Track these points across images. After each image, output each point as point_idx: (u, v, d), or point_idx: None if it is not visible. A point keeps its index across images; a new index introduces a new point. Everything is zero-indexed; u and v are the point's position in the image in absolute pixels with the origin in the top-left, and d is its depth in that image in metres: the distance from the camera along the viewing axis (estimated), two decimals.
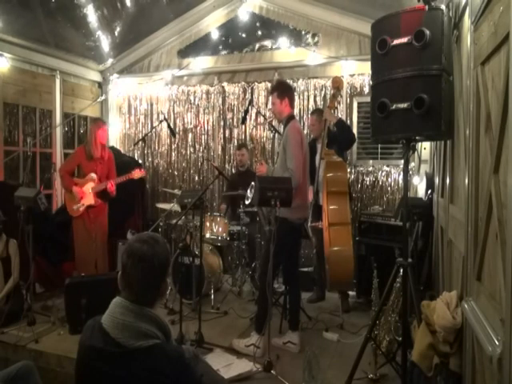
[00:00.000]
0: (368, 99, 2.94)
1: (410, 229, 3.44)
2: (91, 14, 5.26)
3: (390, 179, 5.22)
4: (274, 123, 4.95)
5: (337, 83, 4.25)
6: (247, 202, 4.60)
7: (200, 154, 6.27)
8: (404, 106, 2.44)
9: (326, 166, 4.05)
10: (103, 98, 6.56)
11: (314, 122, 4.54)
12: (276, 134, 5.41)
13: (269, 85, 5.74)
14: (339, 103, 5.21)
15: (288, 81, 5.14)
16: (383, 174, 5.25)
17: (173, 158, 6.43)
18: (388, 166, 5.24)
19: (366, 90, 5.22)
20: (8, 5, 4.53)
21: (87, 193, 4.41)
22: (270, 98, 3.65)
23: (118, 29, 5.75)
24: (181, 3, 5.77)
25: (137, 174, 4.47)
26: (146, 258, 1.49)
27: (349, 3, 5.10)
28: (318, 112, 4.61)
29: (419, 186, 4.65)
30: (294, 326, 3.52)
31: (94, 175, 4.43)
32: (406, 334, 2.64)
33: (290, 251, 3.49)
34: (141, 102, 6.58)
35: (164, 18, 5.91)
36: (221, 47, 5.99)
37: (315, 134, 4.54)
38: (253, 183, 3.87)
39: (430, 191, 4.06)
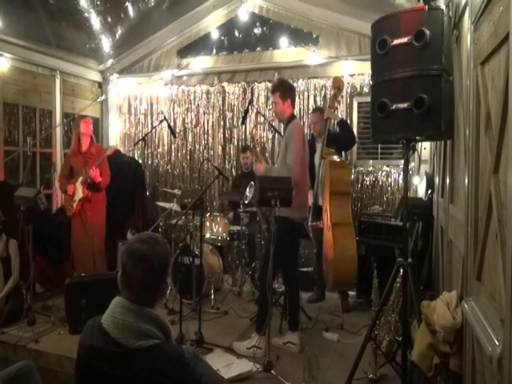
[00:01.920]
0: (368, 99, 2.93)
1: (410, 229, 3.44)
2: (92, 16, 5.27)
3: (390, 179, 5.22)
4: (275, 123, 4.96)
5: (337, 83, 4.24)
6: (246, 202, 4.60)
7: (200, 154, 6.27)
8: (404, 105, 2.44)
9: (329, 165, 4.05)
10: (103, 97, 6.56)
11: (317, 119, 4.50)
12: (276, 134, 5.42)
13: (269, 85, 5.73)
14: (339, 103, 5.21)
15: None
16: (383, 173, 5.25)
17: (173, 158, 6.43)
18: (388, 165, 5.23)
19: (366, 89, 5.22)
20: (9, 6, 4.54)
21: (76, 187, 4.44)
22: (272, 97, 3.59)
23: (119, 29, 5.75)
24: (181, 3, 5.76)
25: (109, 151, 4.63)
26: (146, 257, 1.49)
27: (348, 3, 5.10)
28: (319, 110, 4.61)
29: (419, 186, 4.65)
30: (293, 327, 3.52)
31: (82, 169, 4.45)
32: (405, 334, 2.64)
33: (289, 251, 3.49)
34: (141, 101, 6.58)
35: (164, 18, 5.91)
36: (221, 47, 5.98)
37: (318, 131, 4.51)
38: (252, 183, 3.87)
39: (430, 191, 4.06)
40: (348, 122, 5.22)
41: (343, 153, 4.50)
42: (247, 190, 4.56)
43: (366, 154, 5.42)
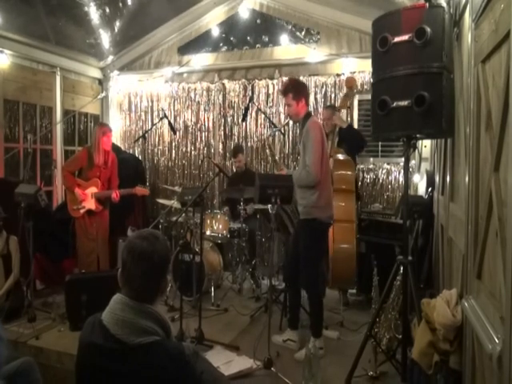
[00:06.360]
0: (369, 97, 2.93)
1: (411, 227, 3.44)
2: (92, 12, 5.27)
3: (390, 177, 5.22)
4: (275, 120, 4.95)
5: (350, 83, 4.24)
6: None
7: (200, 151, 6.26)
8: (405, 103, 2.44)
9: (333, 163, 4.06)
10: (103, 94, 6.56)
11: (329, 116, 4.45)
12: (277, 132, 5.41)
13: (269, 82, 5.74)
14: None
15: None
16: (384, 171, 5.25)
17: (173, 155, 6.42)
18: (388, 163, 5.24)
19: (367, 87, 5.20)
20: (9, 3, 4.53)
21: (89, 197, 4.39)
22: (284, 99, 3.45)
23: (119, 26, 5.75)
24: (181, 0, 5.75)
25: (139, 191, 4.48)
26: (146, 254, 1.49)
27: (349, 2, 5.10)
28: (332, 108, 4.57)
29: (420, 184, 4.65)
30: (317, 332, 3.34)
31: (97, 180, 4.41)
32: (406, 332, 2.65)
33: (317, 254, 3.36)
34: (141, 99, 6.57)
35: (164, 15, 5.90)
36: (221, 44, 5.98)
37: (328, 128, 4.48)
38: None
39: (430, 189, 4.06)
40: (348, 119, 5.22)
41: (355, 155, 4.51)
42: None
43: (366, 151, 5.39)
